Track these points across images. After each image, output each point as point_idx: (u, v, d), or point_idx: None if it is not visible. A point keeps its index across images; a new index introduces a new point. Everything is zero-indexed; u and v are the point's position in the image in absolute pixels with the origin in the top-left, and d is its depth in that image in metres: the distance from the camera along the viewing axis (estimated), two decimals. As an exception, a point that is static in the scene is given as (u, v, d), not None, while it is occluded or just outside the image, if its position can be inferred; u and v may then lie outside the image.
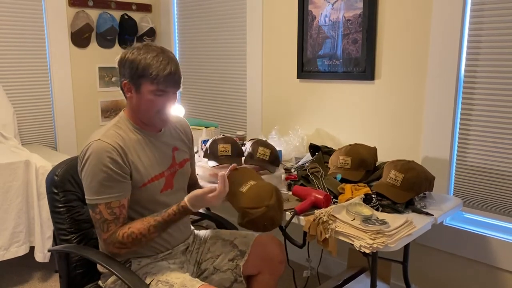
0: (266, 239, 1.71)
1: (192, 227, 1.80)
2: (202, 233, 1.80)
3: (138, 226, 1.44)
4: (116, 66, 1.50)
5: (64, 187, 1.67)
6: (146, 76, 1.42)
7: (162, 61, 1.42)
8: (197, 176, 1.94)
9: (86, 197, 1.45)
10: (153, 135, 1.57)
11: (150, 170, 1.52)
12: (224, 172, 1.47)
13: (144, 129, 1.55)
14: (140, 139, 1.52)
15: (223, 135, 2.17)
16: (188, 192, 1.49)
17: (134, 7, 3.50)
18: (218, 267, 1.67)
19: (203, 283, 1.44)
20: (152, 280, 1.49)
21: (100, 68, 3.39)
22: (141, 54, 1.43)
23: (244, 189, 1.54)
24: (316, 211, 1.59)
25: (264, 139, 2.29)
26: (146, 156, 1.52)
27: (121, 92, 1.53)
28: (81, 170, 1.45)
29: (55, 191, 1.66)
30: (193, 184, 1.81)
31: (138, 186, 1.49)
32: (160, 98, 1.46)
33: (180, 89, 1.52)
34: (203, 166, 2.03)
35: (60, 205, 1.66)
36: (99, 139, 1.43)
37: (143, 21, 3.51)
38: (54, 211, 1.67)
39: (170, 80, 1.43)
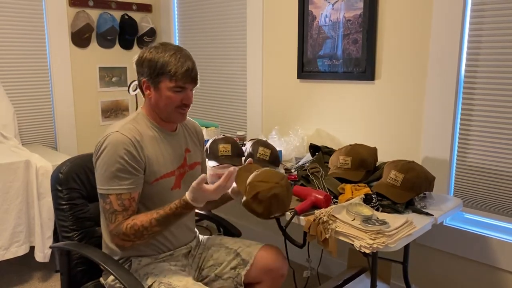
0: (270, 251, 1.70)
1: (197, 231, 1.80)
2: (206, 238, 1.80)
3: (141, 218, 1.45)
4: (134, 65, 1.55)
5: (68, 185, 1.69)
6: (165, 74, 1.47)
7: (180, 59, 1.47)
8: None
9: (98, 186, 1.47)
10: (169, 133, 1.60)
11: (162, 166, 1.54)
12: (234, 168, 1.45)
13: (161, 126, 1.58)
14: (156, 136, 1.56)
15: (223, 135, 2.17)
16: None
17: (134, 7, 3.50)
18: (220, 275, 1.67)
19: (206, 287, 1.44)
20: (154, 282, 1.49)
21: (101, 68, 3.39)
22: (159, 53, 1.48)
23: (256, 172, 1.56)
24: (316, 211, 1.59)
25: (264, 139, 2.29)
26: (161, 152, 1.55)
27: (138, 90, 1.59)
28: (96, 159, 1.47)
29: (59, 188, 1.68)
30: None
31: (150, 181, 1.51)
32: (178, 94, 1.50)
33: (198, 85, 1.56)
34: (203, 166, 2.04)
35: (64, 203, 1.67)
36: (117, 131, 1.46)
37: (143, 21, 3.51)
38: (57, 208, 1.68)
39: (188, 76, 1.48)
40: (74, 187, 1.70)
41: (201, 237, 1.81)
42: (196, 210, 1.94)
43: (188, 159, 1.66)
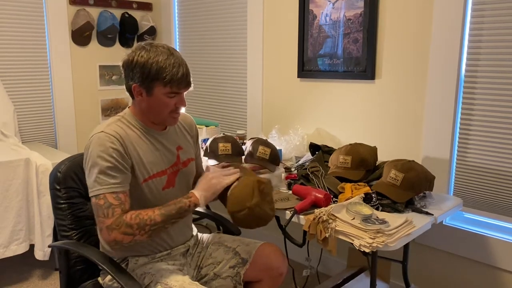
0: (269, 249, 1.69)
1: (196, 230, 1.79)
2: (205, 236, 1.79)
3: (146, 211, 1.43)
4: (121, 67, 1.50)
5: (67, 184, 1.68)
6: (159, 80, 1.44)
7: (174, 64, 1.44)
8: None
9: (89, 189, 1.44)
10: (157, 133, 1.58)
11: (152, 166, 1.52)
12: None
13: (149, 126, 1.56)
14: (143, 136, 1.54)
15: (223, 134, 2.17)
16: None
17: (134, 5, 3.50)
18: (219, 274, 1.66)
19: (203, 287, 1.44)
20: (151, 282, 1.49)
21: (101, 67, 3.38)
22: (151, 58, 1.43)
23: (229, 191, 1.54)
24: (316, 210, 1.59)
25: (264, 138, 2.29)
26: (149, 152, 1.53)
27: (127, 93, 1.54)
28: (86, 162, 1.46)
29: (58, 187, 1.67)
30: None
31: (139, 182, 1.50)
32: (173, 99, 1.49)
33: (192, 88, 1.55)
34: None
35: (62, 201, 1.67)
36: (102, 131, 1.45)
37: (143, 20, 3.51)
38: (56, 207, 1.68)
39: (183, 81, 1.47)
40: (73, 186, 1.69)
41: (200, 235, 1.80)
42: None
43: (181, 157, 1.64)
